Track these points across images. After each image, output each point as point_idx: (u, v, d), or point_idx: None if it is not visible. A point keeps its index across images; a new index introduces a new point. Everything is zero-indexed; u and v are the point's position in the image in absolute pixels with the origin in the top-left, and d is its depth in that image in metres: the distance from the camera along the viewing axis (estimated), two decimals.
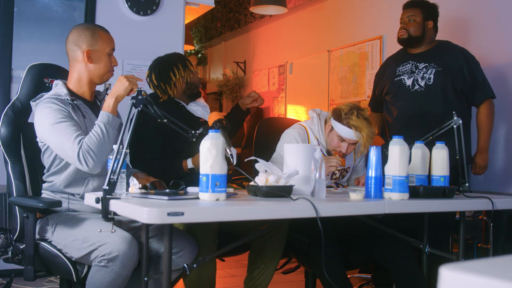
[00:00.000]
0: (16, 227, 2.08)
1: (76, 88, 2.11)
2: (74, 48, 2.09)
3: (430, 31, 3.05)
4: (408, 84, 3.04)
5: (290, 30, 6.23)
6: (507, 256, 0.60)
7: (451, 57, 2.99)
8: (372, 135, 2.38)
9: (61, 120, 1.93)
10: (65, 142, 1.91)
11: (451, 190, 2.03)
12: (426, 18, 3.03)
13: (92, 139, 1.90)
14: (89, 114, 2.08)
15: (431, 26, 3.04)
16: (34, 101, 2.06)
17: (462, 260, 2.17)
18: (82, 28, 2.11)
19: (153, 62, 2.65)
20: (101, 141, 1.90)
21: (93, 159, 1.89)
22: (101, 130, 1.92)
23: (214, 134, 1.65)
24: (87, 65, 2.09)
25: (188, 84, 2.61)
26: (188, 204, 1.55)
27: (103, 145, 1.91)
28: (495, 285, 0.49)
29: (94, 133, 1.91)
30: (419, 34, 3.01)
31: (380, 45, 4.75)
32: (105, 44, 2.11)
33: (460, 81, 2.94)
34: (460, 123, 2.33)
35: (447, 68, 2.95)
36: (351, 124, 2.35)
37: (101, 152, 1.91)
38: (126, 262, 1.78)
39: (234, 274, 3.79)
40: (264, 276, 2.40)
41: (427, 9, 3.05)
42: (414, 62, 3.05)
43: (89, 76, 2.11)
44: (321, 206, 1.62)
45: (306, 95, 5.94)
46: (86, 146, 1.89)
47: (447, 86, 2.94)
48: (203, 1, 4.09)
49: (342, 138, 2.40)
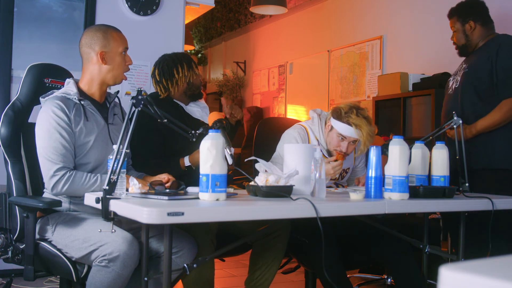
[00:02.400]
0: (16, 227, 2.08)
1: (87, 88, 2.13)
2: (87, 50, 2.10)
3: (476, 30, 2.88)
4: (449, 86, 2.96)
5: (290, 30, 6.23)
6: (507, 256, 0.60)
7: (485, 55, 2.78)
8: (372, 134, 2.38)
9: (54, 131, 1.95)
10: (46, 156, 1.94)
11: (451, 190, 2.03)
12: (463, 22, 2.90)
13: (82, 178, 1.93)
14: (94, 115, 2.09)
15: (473, 25, 2.88)
16: (44, 97, 2.07)
17: (462, 260, 2.17)
18: (94, 30, 2.13)
19: (159, 58, 2.67)
20: (84, 187, 1.93)
21: (63, 188, 1.92)
22: (95, 180, 1.94)
23: (214, 134, 1.65)
24: (101, 66, 2.10)
25: (189, 84, 2.61)
26: (188, 204, 1.55)
27: (81, 189, 1.93)
28: (495, 285, 0.49)
29: (88, 177, 1.94)
30: (464, 42, 2.91)
31: (380, 45, 4.75)
32: (117, 44, 2.12)
33: (483, 83, 2.73)
34: (460, 123, 2.33)
35: (472, 68, 2.80)
36: (351, 122, 2.36)
37: (73, 191, 1.94)
38: (127, 262, 1.78)
39: (234, 274, 3.79)
40: (265, 277, 2.39)
41: (461, 13, 2.93)
42: (463, 63, 2.95)
43: (101, 77, 2.12)
44: (321, 206, 1.62)
45: (306, 95, 5.94)
46: (71, 176, 1.92)
47: (469, 89, 2.78)
48: (203, 1, 4.09)
49: (342, 136, 2.40)
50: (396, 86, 4.02)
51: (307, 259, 2.55)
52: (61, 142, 1.95)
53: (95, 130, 2.06)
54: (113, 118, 2.19)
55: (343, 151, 2.42)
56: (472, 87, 2.76)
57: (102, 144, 2.07)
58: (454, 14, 2.95)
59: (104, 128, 2.11)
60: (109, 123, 2.15)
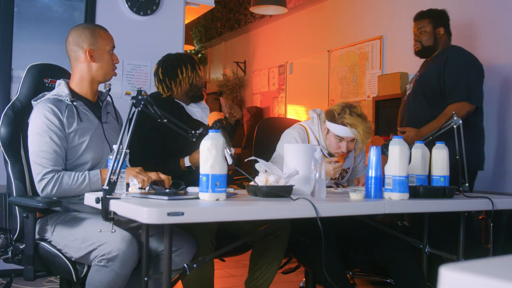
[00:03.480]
0: (16, 227, 2.08)
1: (78, 88, 2.12)
2: (75, 48, 2.10)
3: (443, 36, 3.09)
4: (406, 92, 3.17)
5: (290, 30, 6.23)
6: (507, 256, 0.60)
7: (434, 64, 3.02)
8: (369, 130, 2.39)
9: (44, 134, 1.95)
10: (36, 160, 1.94)
11: (451, 190, 2.03)
12: (436, 25, 3.07)
13: (69, 179, 1.93)
14: (88, 115, 2.09)
15: (443, 32, 3.08)
16: (35, 100, 2.07)
17: (462, 260, 2.17)
18: (81, 28, 2.12)
19: (162, 57, 2.67)
20: (73, 187, 1.93)
21: (53, 190, 1.92)
22: (82, 180, 1.94)
23: (214, 134, 1.65)
24: (90, 64, 2.10)
25: (192, 85, 2.61)
26: (188, 204, 1.55)
27: (70, 190, 1.94)
28: (495, 285, 0.49)
29: (76, 177, 1.94)
30: (432, 43, 3.07)
31: (380, 45, 4.75)
32: (105, 42, 2.12)
33: (432, 90, 2.96)
34: (460, 123, 2.33)
35: (424, 77, 3.03)
36: (345, 122, 2.36)
37: (63, 192, 1.94)
38: (126, 261, 1.78)
39: (234, 274, 3.79)
40: (265, 277, 2.39)
41: (435, 17, 3.09)
42: (420, 70, 3.15)
43: (91, 75, 2.12)
44: (321, 206, 1.62)
45: (306, 95, 5.94)
46: (59, 178, 1.92)
47: (418, 95, 3.02)
48: (203, 1, 4.09)
49: (339, 137, 2.41)
50: (396, 86, 4.01)
51: (307, 259, 2.55)
52: (51, 146, 1.95)
53: (90, 130, 2.06)
54: (107, 117, 2.19)
55: (344, 151, 2.42)
56: (421, 93, 3.00)
57: (97, 143, 2.07)
58: (426, 16, 3.12)
59: (99, 127, 2.11)
60: (103, 122, 2.15)
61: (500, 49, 3.53)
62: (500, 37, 3.54)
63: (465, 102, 2.90)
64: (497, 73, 3.52)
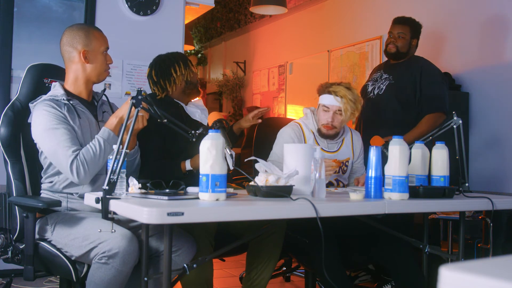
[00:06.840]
0: (16, 227, 2.08)
1: (73, 89, 2.13)
2: (69, 49, 2.10)
3: (413, 48, 3.26)
4: (368, 90, 3.28)
5: (290, 30, 6.23)
6: (507, 256, 0.60)
7: (408, 72, 3.16)
8: (353, 99, 2.48)
9: (56, 126, 1.95)
10: (59, 149, 1.93)
11: (451, 190, 2.03)
12: (413, 36, 3.24)
13: (89, 152, 1.94)
14: (85, 113, 2.10)
15: (415, 44, 3.26)
16: (32, 103, 2.07)
17: (462, 260, 2.17)
18: (75, 29, 2.13)
19: (154, 59, 2.66)
20: (97, 155, 1.94)
21: (85, 171, 1.93)
22: (99, 144, 1.95)
23: (214, 134, 1.65)
24: (84, 65, 2.11)
25: (187, 83, 2.61)
26: (188, 204, 1.55)
27: (97, 160, 1.95)
28: (495, 285, 0.49)
29: (92, 146, 1.95)
30: (405, 51, 3.23)
31: (380, 45, 4.75)
32: (99, 43, 2.12)
33: (406, 95, 3.11)
34: (460, 123, 2.33)
35: (398, 82, 3.16)
36: (331, 90, 2.49)
37: (94, 166, 1.95)
38: (127, 258, 1.78)
39: (233, 274, 3.79)
40: (262, 276, 2.40)
41: (415, 28, 3.25)
42: (382, 72, 3.28)
43: (86, 76, 2.12)
44: (321, 206, 1.62)
45: (306, 95, 5.94)
46: (82, 157, 1.92)
47: (392, 98, 3.14)
48: (203, 1, 4.09)
49: (325, 107, 2.51)
50: None
51: (307, 259, 2.55)
52: (64, 133, 1.95)
53: (88, 128, 2.07)
54: (103, 116, 2.20)
55: (329, 121, 2.50)
56: (395, 97, 3.13)
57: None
58: (408, 24, 3.26)
59: (96, 126, 2.12)
60: (99, 120, 2.15)
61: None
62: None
63: (441, 113, 3.09)
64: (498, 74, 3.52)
